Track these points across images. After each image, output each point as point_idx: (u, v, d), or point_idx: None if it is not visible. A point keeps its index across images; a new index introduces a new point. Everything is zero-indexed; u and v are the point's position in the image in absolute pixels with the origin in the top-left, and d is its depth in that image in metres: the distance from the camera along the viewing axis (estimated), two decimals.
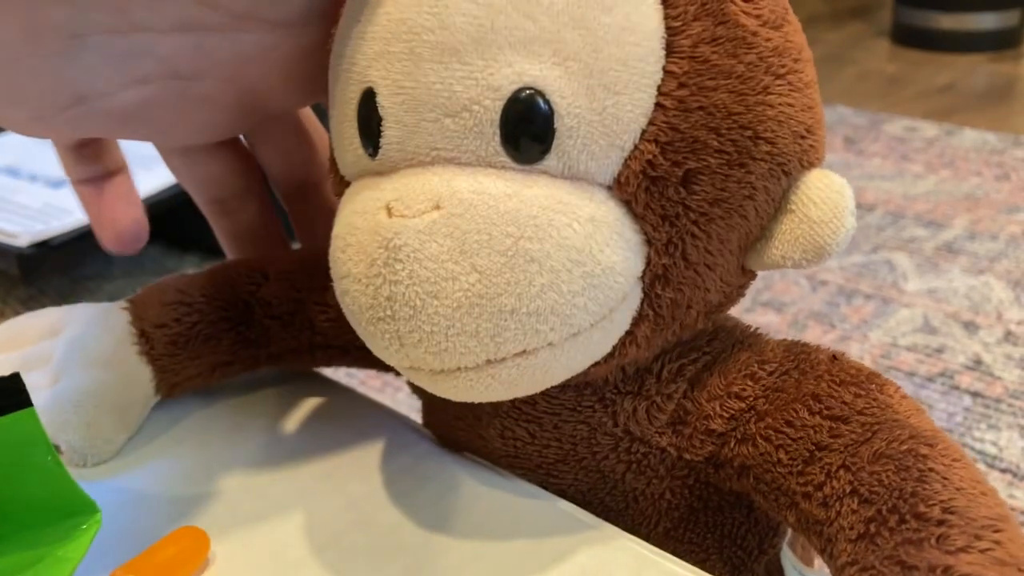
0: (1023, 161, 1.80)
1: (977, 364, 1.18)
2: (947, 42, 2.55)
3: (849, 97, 2.26)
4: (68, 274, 1.51)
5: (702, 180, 0.29)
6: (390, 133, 0.29)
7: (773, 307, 1.35)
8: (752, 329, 0.36)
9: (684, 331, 0.33)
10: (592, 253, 0.28)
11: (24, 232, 1.31)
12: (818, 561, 0.36)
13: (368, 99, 0.30)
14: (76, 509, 0.33)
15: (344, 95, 0.31)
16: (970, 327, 1.27)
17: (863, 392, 0.32)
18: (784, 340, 0.35)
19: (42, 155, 1.45)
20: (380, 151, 0.30)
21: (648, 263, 0.30)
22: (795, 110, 0.31)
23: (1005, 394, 1.12)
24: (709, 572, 0.38)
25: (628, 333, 0.31)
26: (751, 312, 1.34)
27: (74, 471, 0.33)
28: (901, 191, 1.71)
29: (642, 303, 0.31)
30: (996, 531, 0.26)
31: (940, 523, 0.27)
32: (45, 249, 1.32)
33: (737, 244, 0.31)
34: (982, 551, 0.26)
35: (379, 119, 0.29)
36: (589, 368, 0.32)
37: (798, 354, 0.34)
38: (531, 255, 0.28)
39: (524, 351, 0.29)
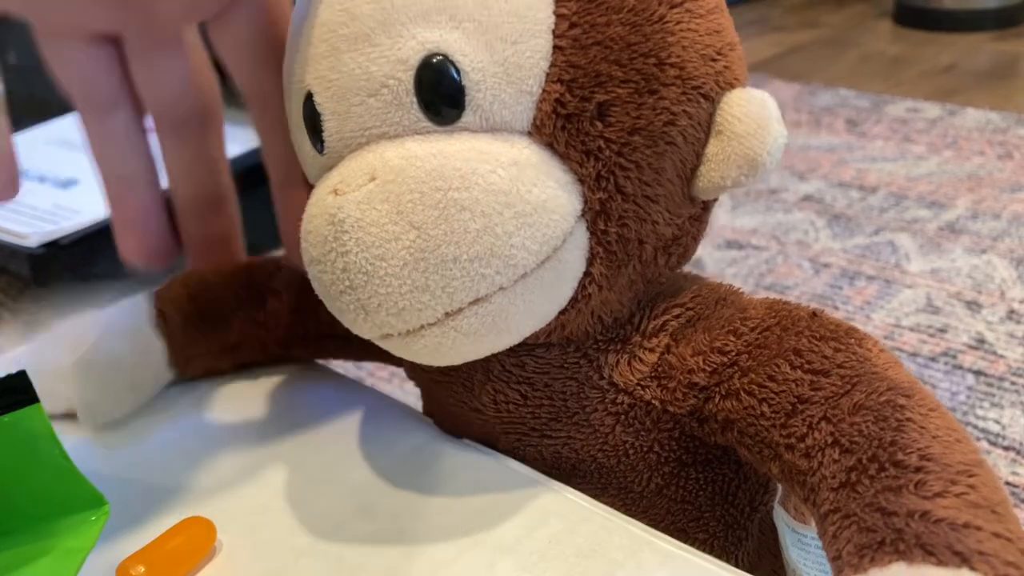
0: None
1: (980, 343, 1.19)
2: (949, 22, 2.54)
3: (851, 79, 2.25)
4: (78, 273, 1.52)
5: (615, 111, 0.31)
6: (329, 125, 0.32)
7: (776, 290, 1.35)
8: (735, 288, 0.38)
9: (646, 268, 0.34)
10: (520, 194, 0.30)
11: (34, 233, 1.32)
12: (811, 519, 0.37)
13: (308, 102, 0.33)
14: (84, 502, 0.34)
15: (293, 106, 0.34)
16: (973, 306, 1.27)
17: (842, 347, 0.33)
18: (766, 298, 0.37)
19: (50, 155, 1.46)
20: (325, 145, 0.33)
21: (585, 201, 0.32)
22: (699, 35, 0.32)
23: (1008, 372, 1.13)
24: (703, 530, 0.39)
25: (585, 274, 0.33)
26: (754, 295, 1.34)
27: (82, 463, 0.34)
28: (904, 172, 1.71)
29: (590, 241, 0.32)
30: (970, 476, 0.28)
31: (918, 470, 0.28)
32: (55, 249, 1.33)
33: (674, 172, 0.33)
34: (957, 495, 0.27)
35: (319, 116, 0.32)
36: (560, 317, 0.34)
37: (779, 311, 0.35)
38: (461, 204, 0.30)
39: (477, 299, 0.31)
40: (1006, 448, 1.01)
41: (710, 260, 1.43)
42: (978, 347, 1.18)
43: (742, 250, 1.47)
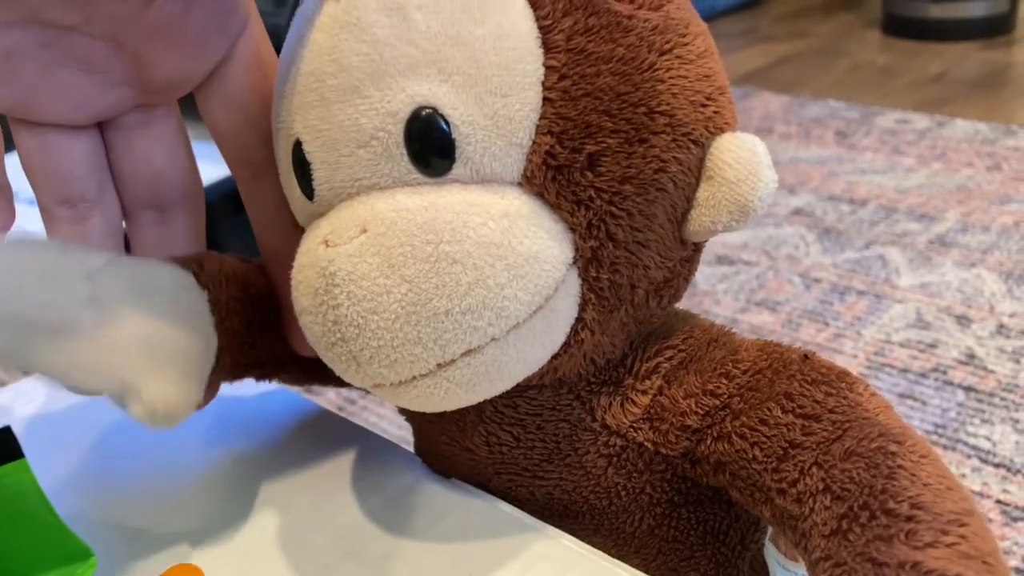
0: (1014, 151, 1.81)
1: (970, 358, 1.19)
2: (938, 31, 2.55)
3: (841, 90, 2.26)
4: None
5: (605, 161, 0.31)
6: (319, 174, 0.32)
7: (767, 307, 1.35)
8: (726, 329, 0.38)
9: (638, 311, 0.34)
10: (511, 246, 0.30)
11: None
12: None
13: (297, 149, 0.33)
14: (71, 554, 0.34)
15: (282, 152, 0.34)
16: (963, 321, 1.27)
17: (834, 391, 0.33)
18: (757, 340, 0.36)
19: None
20: (315, 193, 0.33)
21: (576, 249, 0.32)
22: (689, 81, 0.32)
23: (998, 388, 1.13)
24: (695, 569, 0.39)
25: (578, 320, 0.33)
26: (745, 312, 1.34)
27: (68, 511, 0.34)
28: (893, 185, 1.72)
29: (582, 288, 0.32)
30: (961, 525, 0.28)
31: (908, 519, 0.28)
32: None
33: (665, 218, 0.33)
34: (948, 546, 0.27)
35: (308, 164, 0.32)
36: (552, 361, 0.33)
37: (771, 353, 0.35)
38: (452, 257, 0.29)
39: (470, 350, 0.31)
40: (997, 465, 1.01)
41: (700, 276, 1.43)
42: (968, 362, 1.18)
43: (732, 266, 1.47)
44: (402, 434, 1.17)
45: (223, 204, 1.26)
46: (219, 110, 0.36)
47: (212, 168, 0.51)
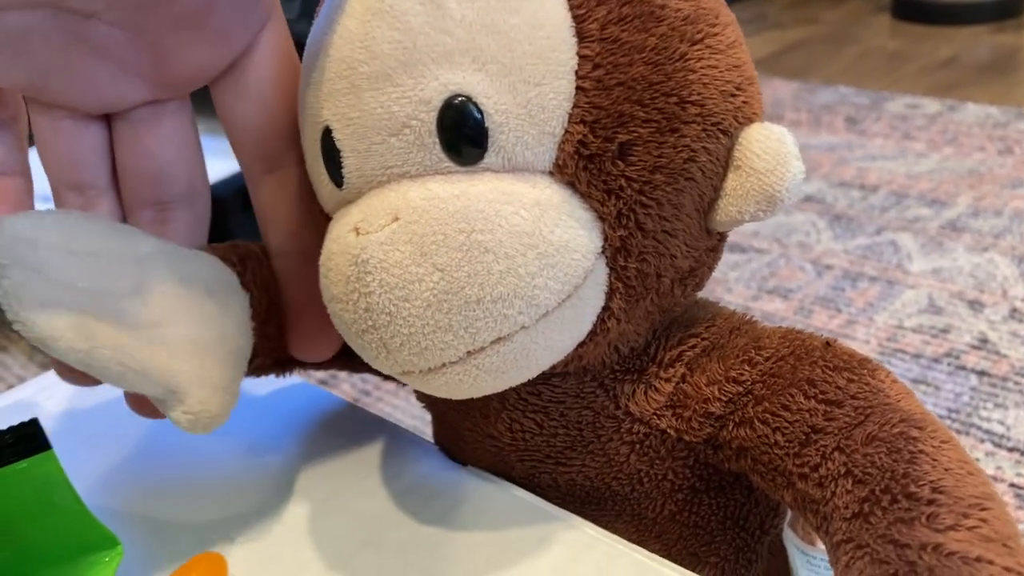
0: None
1: (983, 343, 1.19)
2: (948, 15, 2.54)
3: (851, 76, 2.26)
4: None
5: (637, 150, 0.31)
6: (349, 162, 0.32)
7: (779, 294, 1.35)
8: (748, 317, 0.38)
9: (663, 300, 0.35)
10: (543, 235, 0.30)
11: None
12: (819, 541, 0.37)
13: (327, 136, 0.33)
14: (97, 543, 0.34)
15: (310, 138, 0.34)
16: (975, 306, 1.27)
17: (856, 377, 0.33)
18: (779, 327, 0.37)
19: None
20: (344, 180, 0.33)
21: (605, 238, 0.32)
22: (719, 71, 0.32)
23: (1011, 372, 1.13)
24: (715, 554, 0.39)
25: (604, 308, 0.33)
26: (757, 299, 1.34)
27: (94, 501, 0.34)
28: (904, 170, 1.71)
29: (610, 277, 0.33)
30: (982, 509, 0.28)
31: (930, 502, 0.28)
32: None
33: (693, 207, 0.33)
34: (969, 528, 0.27)
35: (338, 152, 0.32)
36: (578, 349, 0.34)
37: (793, 340, 0.35)
38: (485, 246, 0.30)
39: (500, 338, 0.31)
40: (1011, 449, 1.01)
41: None
42: (981, 347, 1.18)
43: (744, 253, 1.47)
44: (416, 424, 1.18)
45: (235, 199, 1.26)
46: (236, 103, 0.36)
47: (224, 163, 0.51)
